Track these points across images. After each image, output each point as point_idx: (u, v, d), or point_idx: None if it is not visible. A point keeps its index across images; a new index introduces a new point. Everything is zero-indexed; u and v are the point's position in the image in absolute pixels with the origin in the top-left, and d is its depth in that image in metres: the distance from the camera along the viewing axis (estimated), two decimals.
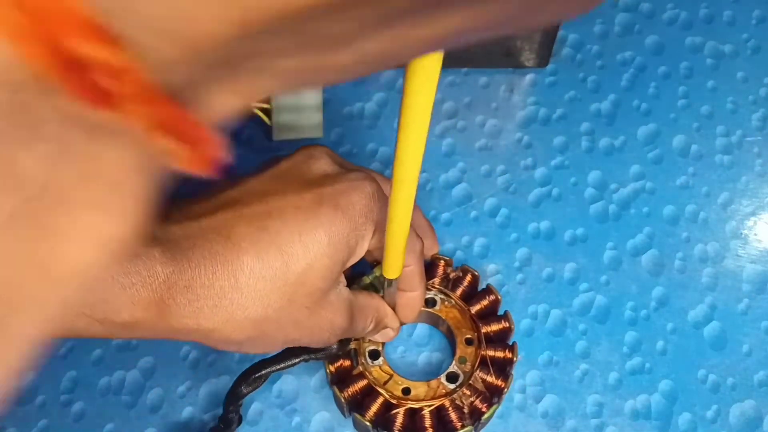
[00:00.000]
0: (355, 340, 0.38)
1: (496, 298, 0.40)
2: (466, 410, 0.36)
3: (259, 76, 0.14)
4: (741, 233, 0.44)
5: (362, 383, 0.37)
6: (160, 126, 0.12)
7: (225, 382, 0.39)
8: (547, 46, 0.49)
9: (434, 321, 0.41)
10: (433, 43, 0.14)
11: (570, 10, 0.15)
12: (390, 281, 0.34)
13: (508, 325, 0.39)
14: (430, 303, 0.40)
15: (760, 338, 0.41)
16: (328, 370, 0.37)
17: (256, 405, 0.39)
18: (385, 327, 0.36)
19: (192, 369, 0.40)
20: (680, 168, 0.47)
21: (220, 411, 0.36)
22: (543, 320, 0.41)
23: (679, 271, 0.43)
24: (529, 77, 0.50)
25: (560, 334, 0.41)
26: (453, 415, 0.36)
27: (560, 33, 0.51)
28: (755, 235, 0.44)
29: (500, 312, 0.40)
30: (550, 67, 0.51)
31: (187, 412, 0.39)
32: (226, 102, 0.14)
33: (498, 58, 0.50)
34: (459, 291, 0.40)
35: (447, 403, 0.36)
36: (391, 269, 0.33)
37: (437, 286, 0.40)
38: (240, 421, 0.36)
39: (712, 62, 0.51)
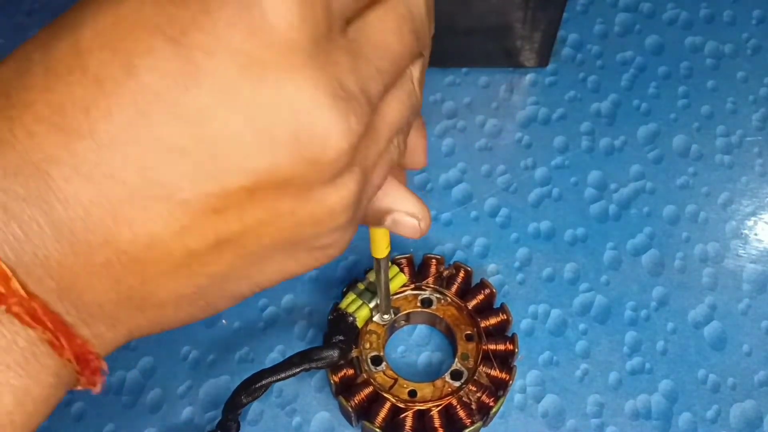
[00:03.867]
0: (356, 347, 0.38)
1: (491, 291, 0.40)
2: (473, 406, 0.37)
3: (138, 318, 0.20)
4: (741, 233, 0.44)
5: (368, 390, 0.37)
6: (38, 323, 0.18)
7: (225, 382, 0.39)
8: (547, 45, 0.49)
9: (432, 320, 0.41)
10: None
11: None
12: (379, 261, 0.34)
13: (505, 317, 0.39)
14: (426, 303, 0.40)
15: (760, 338, 0.41)
16: (332, 381, 0.37)
17: (256, 405, 0.39)
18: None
19: (192, 369, 0.40)
20: (680, 168, 0.47)
21: (220, 411, 0.36)
22: (543, 320, 0.41)
23: (679, 271, 0.43)
24: (529, 77, 0.50)
25: (560, 334, 0.41)
26: (461, 413, 0.36)
27: (560, 33, 0.51)
28: (755, 235, 0.44)
29: (496, 305, 0.40)
30: (550, 67, 0.51)
31: (187, 412, 0.39)
32: (104, 332, 0.20)
33: (498, 58, 0.50)
34: (454, 288, 0.40)
35: (454, 401, 0.37)
36: (379, 249, 0.33)
37: (432, 286, 0.40)
38: (238, 428, 0.36)
39: (712, 62, 0.51)
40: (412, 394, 0.37)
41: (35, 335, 0.18)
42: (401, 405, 0.36)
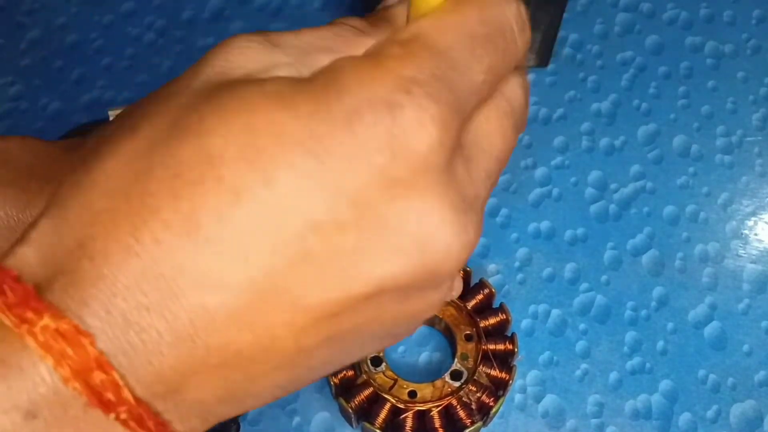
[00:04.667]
0: None
1: (491, 291, 0.40)
2: (473, 406, 0.37)
3: (232, 409, 0.20)
4: (741, 233, 0.44)
5: (368, 391, 0.37)
6: (144, 428, 0.18)
7: None
8: (547, 46, 0.49)
9: (431, 321, 0.41)
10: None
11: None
12: None
13: (505, 316, 0.39)
14: None
15: (760, 338, 0.41)
16: (332, 382, 0.37)
17: None
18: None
19: None
20: (680, 168, 0.47)
21: None
22: (543, 320, 0.41)
23: (680, 271, 0.43)
24: (529, 77, 0.50)
25: (560, 334, 0.41)
26: (461, 413, 0.36)
27: (560, 33, 0.51)
28: (755, 235, 0.44)
29: (495, 305, 0.40)
30: (550, 66, 0.51)
31: None
32: (197, 425, 0.20)
33: None
34: None
35: (454, 401, 0.37)
36: None
37: None
38: (238, 429, 0.36)
39: (712, 62, 0.51)
40: (412, 394, 0.37)
41: None
42: (401, 406, 0.36)
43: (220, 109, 0.18)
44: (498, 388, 0.37)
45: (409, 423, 0.36)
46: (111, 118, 0.43)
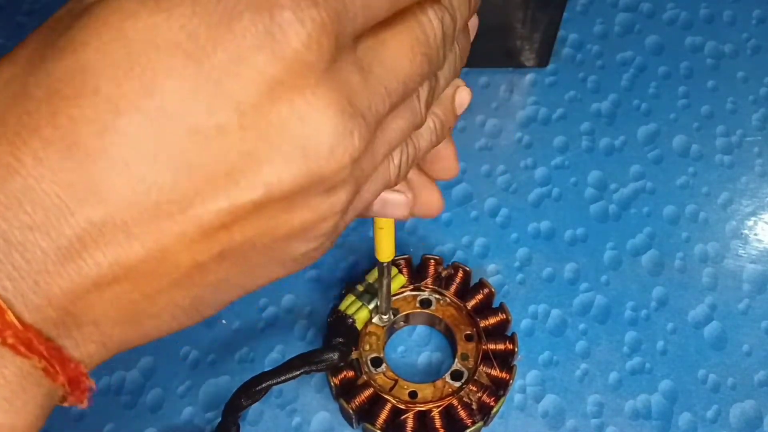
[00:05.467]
0: (356, 349, 0.38)
1: (490, 291, 0.40)
2: (474, 406, 0.37)
3: (130, 332, 0.20)
4: (741, 233, 0.44)
5: (368, 392, 0.37)
6: (34, 353, 0.18)
7: (225, 382, 0.39)
8: (547, 45, 0.49)
9: (431, 321, 0.41)
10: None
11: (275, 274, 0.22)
12: (383, 265, 0.34)
13: (505, 316, 0.39)
14: (425, 303, 0.40)
15: (760, 338, 0.41)
16: (332, 383, 0.37)
17: (256, 405, 0.39)
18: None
19: (192, 369, 0.40)
20: (680, 168, 0.47)
21: (220, 411, 0.36)
22: (543, 320, 0.41)
23: (679, 271, 0.43)
24: (529, 77, 0.50)
25: (560, 334, 0.41)
26: (462, 413, 0.36)
27: (560, 33, 0.51)
28: (755, 235, 0.44)
29: (495, 304, 0.40)
30: (550, 66, 0.51)
31: (187, 412, 0.39)
32: (94, 351, 0.20)
33: (498, 58, 0.50)
34: (452, 288, 0.40)
35: (455, 401, 0.37)
36: (384, 253, 0.33)
37: (430, 286, 0.40)
38: (238, 430, 0.36)
39: (712, 62, 0.51)
40: (413, 395, 0.37)
41: (28, 364, 0.18)
42: (402, 406, 0.36)
43: (92, 21, 0.17)
44: (499, 388, 0.37)
45: (409, 424, 0.36)
46: None
